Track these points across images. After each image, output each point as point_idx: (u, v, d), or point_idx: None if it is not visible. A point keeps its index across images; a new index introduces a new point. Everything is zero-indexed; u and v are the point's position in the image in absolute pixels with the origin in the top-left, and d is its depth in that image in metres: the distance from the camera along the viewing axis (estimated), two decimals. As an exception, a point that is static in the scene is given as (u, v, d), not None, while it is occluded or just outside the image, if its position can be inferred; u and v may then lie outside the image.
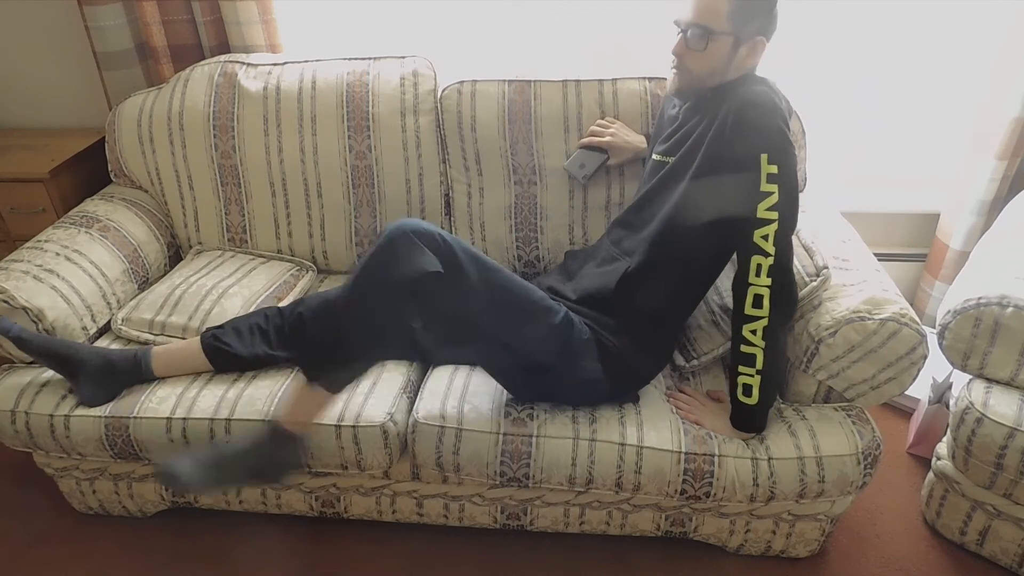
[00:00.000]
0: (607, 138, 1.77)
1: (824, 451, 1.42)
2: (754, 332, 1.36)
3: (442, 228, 1.63)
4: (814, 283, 1.48)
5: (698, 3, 1.36)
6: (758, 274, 1.34)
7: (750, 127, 1.34)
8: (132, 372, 1.58)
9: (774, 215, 1.32)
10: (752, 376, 1.39)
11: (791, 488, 1.43)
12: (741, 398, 1.41)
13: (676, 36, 1.41)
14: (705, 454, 1.43)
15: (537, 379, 1.47)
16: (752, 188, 1.33)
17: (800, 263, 1.52)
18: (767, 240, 1.33)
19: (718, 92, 1.43)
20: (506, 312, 1.39)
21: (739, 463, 1.42)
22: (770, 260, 1.33)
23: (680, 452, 1.43)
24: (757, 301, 1.35)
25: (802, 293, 1.47)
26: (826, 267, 1.50)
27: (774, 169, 1.32)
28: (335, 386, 1.39)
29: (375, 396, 1.53)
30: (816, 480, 1.42)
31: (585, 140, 1.80)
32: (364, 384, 1.56)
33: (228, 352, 1.58)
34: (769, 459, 1.42)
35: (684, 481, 1.43)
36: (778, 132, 1.34)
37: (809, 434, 1.44)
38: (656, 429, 1.46)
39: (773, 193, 1.32)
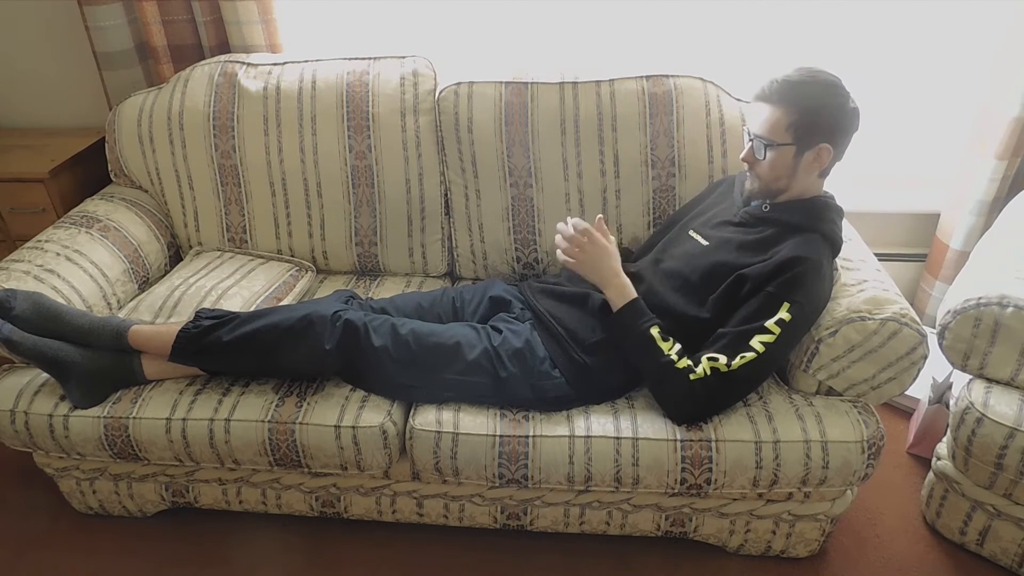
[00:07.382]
0: (571, 260, 1.52)
1: (830, 436, 1.42)
2: (680, 356, 1.40)
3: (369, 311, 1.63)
4: None
5: (761, 117, 1.43)
6: (713, 359, 1.38)
7: (789, 280, 1.39)
8: (124, 378, 1.57)
9: (760, 347, 1.36)
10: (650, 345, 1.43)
11: (795, 472, 1.43)
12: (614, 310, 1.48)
13: (746, 144, 1.48)
14: (702, 440, 1.43)
15: (490, 397, 1.51)
16: (759, 317, 1.38)
17: None
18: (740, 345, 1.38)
19: (781, 214, 1.49)
20: (418, 365, 1.49)
21: (742, 447, 1.42)
22: (723, 361, 1.37)
23: (676, 440, 1.43)
24: (696, 363, 1.39)
25: None
26: (835, 268, 1.50)
27: (787, 317, 1.37)
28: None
29: (374, 397, 1.53)
30: (820, 465, 1.42)
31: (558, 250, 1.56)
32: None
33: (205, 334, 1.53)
34: (775, 442, 1.42)
35: (683, 469, 1.43)
36: (816, 295, 1.41)
37: (815, 419, 1.45)
38: (650, 420, 1.46)
39: (772, 333, 1.37)
